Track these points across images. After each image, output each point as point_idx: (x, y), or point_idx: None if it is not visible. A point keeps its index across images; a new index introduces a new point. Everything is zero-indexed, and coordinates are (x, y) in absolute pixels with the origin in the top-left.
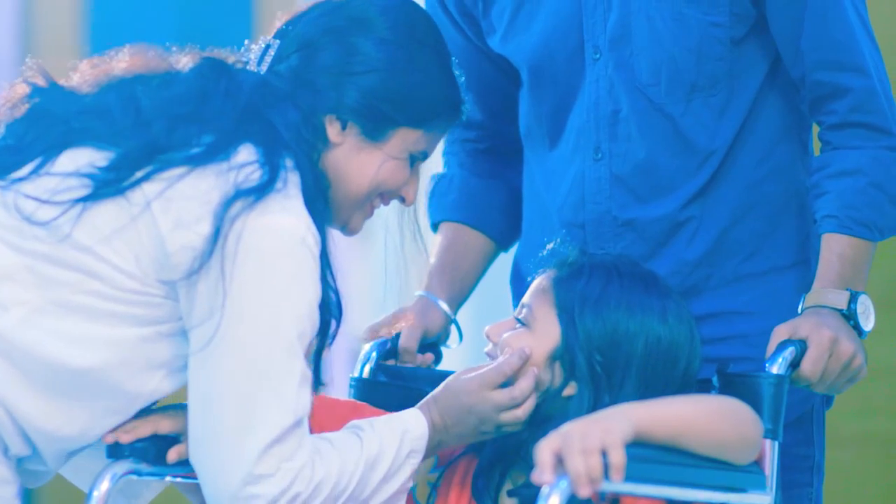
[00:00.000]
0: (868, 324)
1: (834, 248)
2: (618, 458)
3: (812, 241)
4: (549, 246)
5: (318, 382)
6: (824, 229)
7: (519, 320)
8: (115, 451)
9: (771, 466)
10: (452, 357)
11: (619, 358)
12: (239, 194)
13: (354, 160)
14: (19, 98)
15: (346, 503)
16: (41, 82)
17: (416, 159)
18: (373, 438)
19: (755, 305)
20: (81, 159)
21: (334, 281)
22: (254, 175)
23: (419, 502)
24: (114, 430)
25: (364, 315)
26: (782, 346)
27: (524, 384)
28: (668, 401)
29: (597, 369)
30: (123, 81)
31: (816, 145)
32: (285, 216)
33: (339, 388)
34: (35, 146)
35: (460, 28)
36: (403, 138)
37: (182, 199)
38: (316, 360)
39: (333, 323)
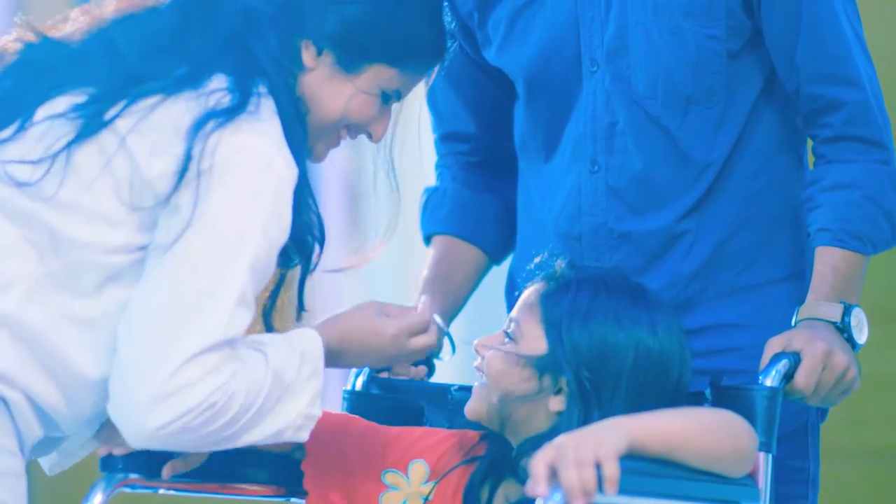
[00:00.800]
0: (861, 337)
1: (828, 260)
2: (612, 470)
3: (807, 254)
4: (537, 259)
5: (301, 308)
6: (818, 242)
7: (507, 334)
8: (108, 464)
9: (764, 479)
10: (445, 369)
11: (608, 373)
12: (209, 116)
13: (325, 87)
14: (10, 54)
15: (254, 418)
16: (32, 38)
17: (388, 97)
18: (276, 354)
19: (750, 318)
20: (61, 106)
21: (315, 205)
22: (224, 99)
23: None
24: (108, 442)
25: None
26: (776, 358)
27: (423, 309)
28: (662, 414)
29: (585, 385)
30: (106, 24)
31: (810, 160)
32: (255, 138)
33: (332, 401)
34: (22, 100)
35: (456, 41)
36: (377, 74)
37: (155, 129)
38: (300, 286)
39: (316, 247)
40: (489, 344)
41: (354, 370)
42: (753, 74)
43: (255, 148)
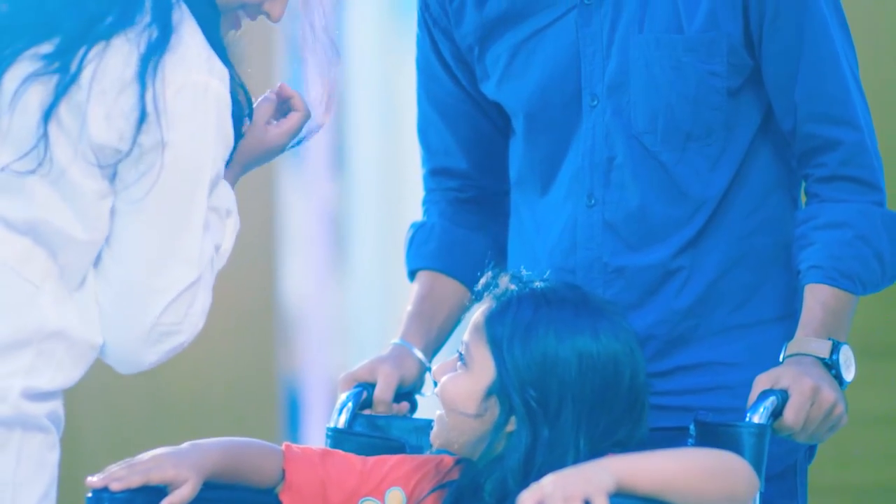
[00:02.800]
0: (849, 374)
1: (818, 297)
2: None
3: (800, 295)
4: (482, 280)
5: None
6: (809, 279)
7: (461, 358)
8: (97, 500)
9: None
10: (428, 405)
11: (552, 387)
12: (145, 61)
13: None
14: None
15: None
16: None
17: None
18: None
19: (742, 357)
20: (28, 66)
21: (238, 77)
22: (152, 35)
23: None
24: (103, 475)
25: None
26: (764, 395)
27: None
28: (655, 455)
29: (532, 404)
30: None
31: (803, 200)
32: (187, 70)
33: (317, 439)
34: None
35: (454, 75)
36: None
37: (106, 79)
38: (229, 159)
39: (246, 121)
40: (444, 370)
41: (337, 408)
42: (752, 112)
43: (192, 81)
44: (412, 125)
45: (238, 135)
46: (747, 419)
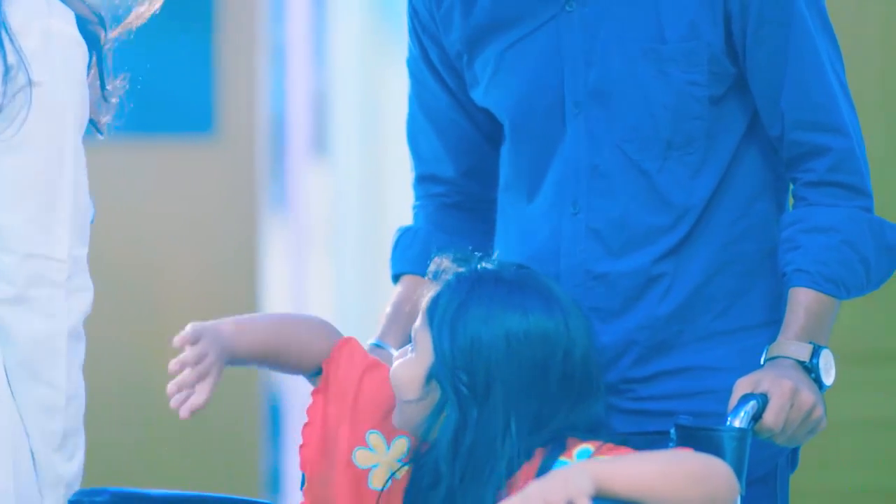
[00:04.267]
0: (829, 378)
1: (801, 301)
2: None
3: (784, 302)
4: (432, 266)
5: (102, 88)
6: (794, 283)
7: (410, 343)
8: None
9: None
10: None
11: (480, 368)
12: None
13: None
14: None
15: None
16: None
17: None
18: None
19: (727, 361)
20: None
21: (94, 18)
22: None
23: None
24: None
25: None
26: (744, 399)
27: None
28: (636, 458)
29: (460, 386)
30: None
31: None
32: (30, 15)
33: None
34: None
35: (443, 82)
36: None
37: None
38: (100, 71)
39: (102, 33)
40: (398, 356)
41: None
42: (737, 119)
43: (38, 27)
44: (395, 126)
45: (100, 54)
46: (728, 423)
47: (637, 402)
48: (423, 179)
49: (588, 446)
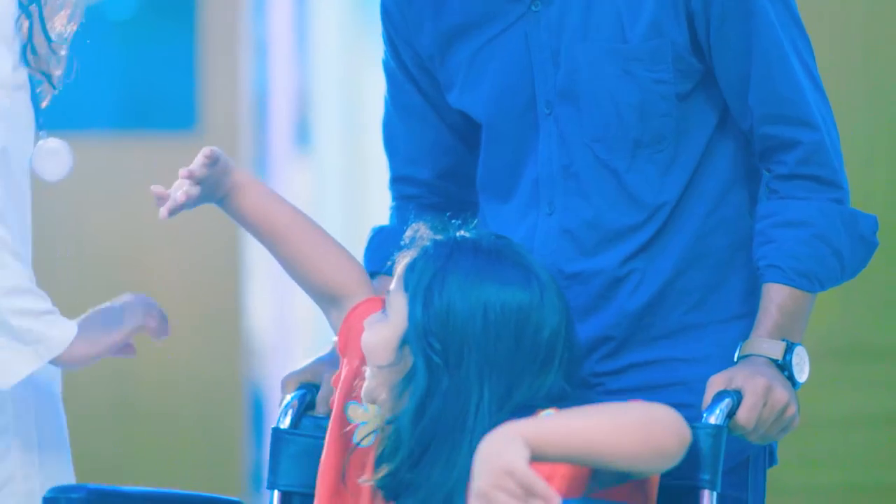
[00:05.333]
0: (802, 375)
1: (774, 297)
2: (543, 489)
3: (757, 294)
4: (409, 232)
5: (49, 41)
6: (766, 278)
7: (383, 310)
8: (53, 500)
9: None
10: None
11: (455, 337)
12: None
13: None
14: None
15: None
16: None
17: None
18: None
19: (699, 353)
20: None
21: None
22: None
23: None
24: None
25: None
26: (719, 396)
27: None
28: (569, 413)
29: (430, 353)
30: None
31: None
32: None
33: None
34: None
35: (416, 84)
36: None
37: None
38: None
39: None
40: (372, 320)
41: (281, 410)
42: (707, 113)
43: None
44: (377, 121)
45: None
46: (704, 420)
47: (607, 395)
48: (399, 181)
49: (551, 410)
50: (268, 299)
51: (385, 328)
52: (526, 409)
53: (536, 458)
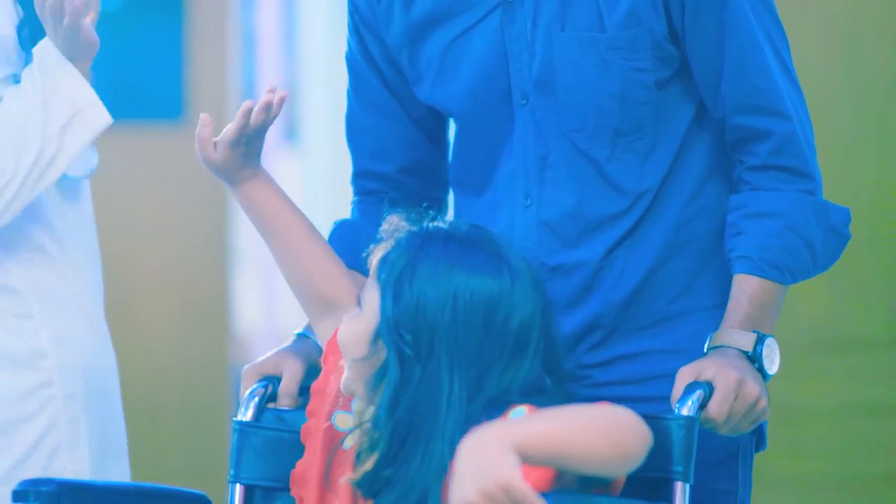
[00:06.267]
0: (773, 367)
1: (745, 288)
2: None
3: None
4: (385, 226)
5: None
6: (737, 269)
7: (359, 304)
8: (23, 495)
9: None
10: None
11: (425, 327)
12: None
13: None
14: None
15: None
16: None
17: None
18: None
19: (684, 344)
20: None
21: None
22: None
23: None
24: None
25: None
26: (691, 388)
27: None
28: (549, 417)
29: (401, 345)
30: None
31: None
32: None
33: None
34: None
35: (383, 78)
36: None
37: None
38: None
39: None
40: (349, 316)
41: (243, 402)
42: (686, 101)
43: None
44: None
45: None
46: (676, 411)
47: (594, 388)
48: (361, 175)
49: (522, 407)
50: (255, 288)
51: (359, 322)
52: (500, 404)
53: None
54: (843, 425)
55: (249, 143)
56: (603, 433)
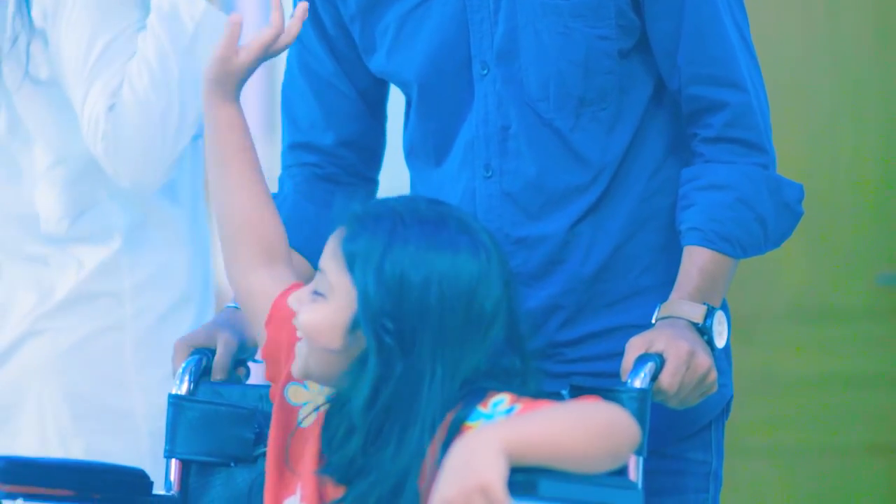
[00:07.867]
0: (721, 341)
1: (696, 260)
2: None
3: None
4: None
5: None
6: (688, 241)
7: (316, 291)
8: None
9: (637, 482)
10: (259, 372)
11: (409, 314)
12: None
13: None
14: None
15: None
16: None
17: None
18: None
19: (651, 318)
20: None
21: None
22: None
23: None
24: None
25: None
26: (642, 359)
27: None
28: (543, 417)
29: (385, 338)
30: None
31: None
32: None
33: None
34: None
35: (332, 48)
36: None
37: None
38: None
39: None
40: (299, 299)
41: (178, 376)
42: (646, 73)
43: None
44: None
45: None
46: (628, 383)
47: (565, 364)
48: (297, 147)
49: (503, 396)
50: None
51: (328, 309)
52: (477, 390)
53: (513, 464)
54: (823, 395)
55: (260, 62)
56: (597, 434)
